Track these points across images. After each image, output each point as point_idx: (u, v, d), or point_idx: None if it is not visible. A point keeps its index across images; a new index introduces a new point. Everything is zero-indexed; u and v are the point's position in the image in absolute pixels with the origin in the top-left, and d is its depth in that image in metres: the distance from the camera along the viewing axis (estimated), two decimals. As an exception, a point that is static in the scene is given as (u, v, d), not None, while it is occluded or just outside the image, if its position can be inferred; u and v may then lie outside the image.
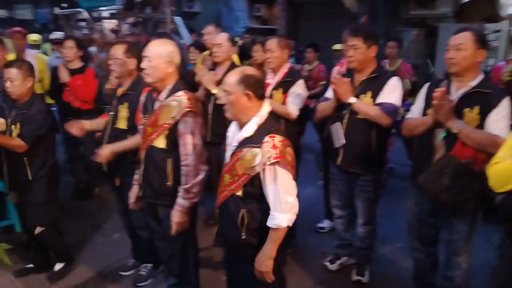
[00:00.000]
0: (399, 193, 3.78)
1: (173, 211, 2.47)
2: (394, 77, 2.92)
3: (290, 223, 2.00)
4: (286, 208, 1.98)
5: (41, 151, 3.10)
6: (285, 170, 1.97)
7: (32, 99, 3.10)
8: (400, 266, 3.50)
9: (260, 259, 2.04)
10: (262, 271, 2.04)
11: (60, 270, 3.30)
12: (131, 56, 2.89)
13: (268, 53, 3.36)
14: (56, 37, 6.44)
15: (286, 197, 1.98)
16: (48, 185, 3.16)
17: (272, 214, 1.99)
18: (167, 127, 2.44)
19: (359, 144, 2.93)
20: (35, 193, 3.11)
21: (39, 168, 3.09)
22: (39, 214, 3.16)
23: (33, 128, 3.01)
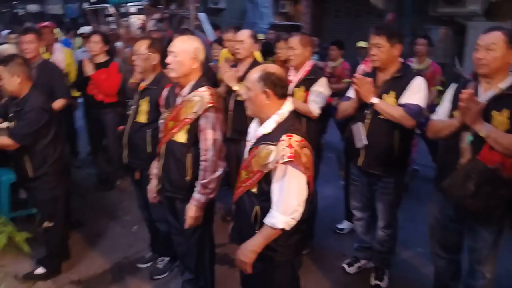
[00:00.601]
0: (422, 196, 3.72)
1: (188, 205, 2.47)
2: (419, 77, 2.84)
3: (286, 227, 1.93)
4: (286, 210, 1.92)
5: (40, 148, 2.99)
6: (297, 171, 1.93)
7: (27, 96, 2.98)
8: (421, 272, 3.41)
9: (243, 247, 2.01)
10: (242, 261, 2.01)
11: (38, 274, 3.16)
12: (154, 51, 2.92)
13: (290, 50, 3.33)
14: (83, 31, 6.57)
15: (290, 199, 1.93)
16: (53, 182, 3.09)
17: (271, 212, 1.95)
18: (189, 122, 2.45)
19: (381, 145, 2.87)
20: (38, 190, 3.09)
21: (39, 166, 3.01)
22: (46, 210, 3.15)
23: (22, 125, 2.91)
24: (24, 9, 19.52)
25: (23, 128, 2.90)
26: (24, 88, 2.98)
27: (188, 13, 5.95)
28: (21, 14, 18.76)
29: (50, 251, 3.24)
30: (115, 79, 4.42)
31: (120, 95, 4.58)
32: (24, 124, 2.91)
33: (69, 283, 3.18)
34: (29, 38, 3.73)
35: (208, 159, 2.42)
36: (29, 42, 3.73)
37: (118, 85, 4.45)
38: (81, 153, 5.80)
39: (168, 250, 3.22)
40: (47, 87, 3.77)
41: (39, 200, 3.15)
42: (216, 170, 2.45)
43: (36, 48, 3.82)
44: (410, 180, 5.07)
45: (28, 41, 3.72)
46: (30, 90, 3.00)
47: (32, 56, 3.78)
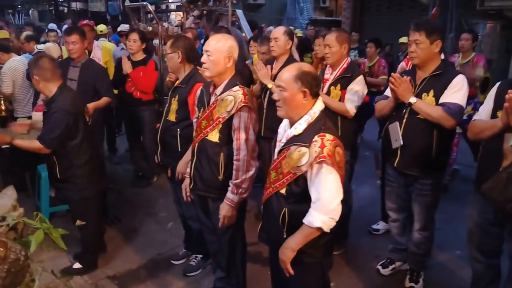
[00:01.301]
0: (462, 197, 3.59)
1: (221, 205, 2.49)
2: (460, 75, 2.73)
3: (324, 226, 1.91)
4: (324, 209, 1.90)
5: (67, 150, 3.00)
6: (332, 170, 1.89)
7: (54, 96, 2.96)
8: (458, 275, 3.31)
9: (283, 246, 2.01)
10: (282, 260, 2.01)
11: (75, 269, 3.26)
12: (176, 50, 2.91)
13: (327, 48, 3.27)
14: (122, 29, 6.73)
15: (328, 197, 1.90)
16: (81, 184, 3.08)
17: (310, 211, 1.93)
18: (222, 121, 2.45)
19: (419, 145, 2.78)
20: (68, 191, 3.13)
21: (66, 168, 3.03)
22: (76, 209, 3.22)
23: (48, 129, 2.92)
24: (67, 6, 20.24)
25: (49, 131, 2.91)
26: (48, 89, 2.97)
27: (226, 9, 5.96)
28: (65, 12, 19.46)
29: (86, 248, 3.34)
30: (152, 77, 4.51)
31: (157, 92, 4.68)
32: (49, 128, 2.91)
33: (105, 278, 3.26)
34: (73, 38, 3.83)
35: (240, 158, 2.43)
36: (74, 42, 3.83)
37: (154, 82, 4.54)
38: (119, 149, 5.95)
39: (201, 248, 3.26)
40: (90, 86, 3.91)
41: (69, 200, 3.22)
42: (249, 170, 2.46)
43: (80, 48, 3.91)
44: (450, 180, 4.93)
45: (73, 41, 3.83)
46: (58, 90, 2.97)
47: (77, 56, 3.90)
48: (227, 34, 2.76)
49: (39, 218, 1.43)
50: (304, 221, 1.94)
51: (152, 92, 4.59)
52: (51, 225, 1.45)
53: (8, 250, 1.22)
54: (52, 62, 3.01)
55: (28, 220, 1.49)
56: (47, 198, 3.96)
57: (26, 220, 1.50)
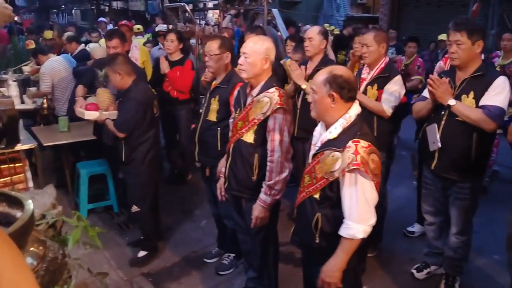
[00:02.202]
0: (502, 200, 3.48)
1: (254, 205, 2.52)
2: (502, 77, 2.65)
3: (365, 235, 1.90)
4: (362, 219, 1.88)
5: (134, 137, 3.27)
6: (366, 178, 1.87)
7: (129, 88, 3.28)
8: (496, 281, 3.21)
9: (328, 269, 1.96)
10: (329, 283, 1.96)
11: (142, 257, 3.47)
12: (225, 51, 2.95)
13: (364, 47, 3.23)
14: (160, 29, 6.87)
15: (364, 206, 1.88)
16: (141, 169, 3.34)
17: (346, 223, 1.90)
18: (257, 122, 2.47)
19: (457, 148, 2.71)
20: (129, 174, 3.40)
21: (131, 152, 3.29)
22: (134, 195, 3.44)
23: (122, 115, 3.25)
24: (108, 5, 20.79)
25: (123, 118, 3.24)
26: (126, 82, 3.27)
27: (262, 8, 5.98)
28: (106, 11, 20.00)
29: (145, 234, 3.56)
30: (188, 77, 4.58)
31: (193, 92, 4.75)
32: (123, 114, 3.25)
33: (140, 275, 3.34)
34: (114, 43, 3.92)
35: (274, 160, 2.44)
36: (115, 47, 3.91)
37: (191, 82, 4.61)
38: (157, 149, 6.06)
39: (234, 247, 3.29)
40: None
41: (129, 183, 3.46)
42: (283, 171, 2.47)
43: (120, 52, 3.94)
44: (489, 182, 4.77)
45: (114, 46, 3.92)
46: (133, 82, 3.29)
47: None
48: (264, 36, 2.78)
49: (76, 216, 1.50)
50: (343, 235, 1.91)
51: (189, 91, 4.67)
52: (88, 223, 1.52)
53: (46, 249, 1.28)
54: (127, 57, 3.46)
55: (66, 218, 1.56)
56: (85, 195, 4.11)
57: (64, 219, 1.56)
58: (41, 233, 1.44)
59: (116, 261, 3.49)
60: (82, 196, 4.10)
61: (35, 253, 1.25)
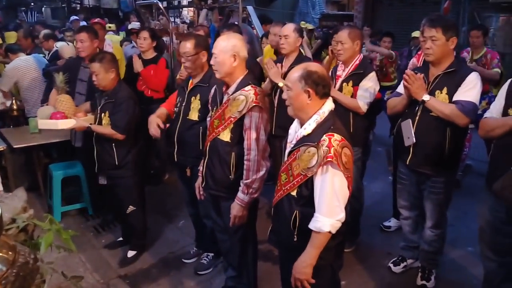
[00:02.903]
0: (475, 193, 3.55)
1: (232, 204, 2.50)
2: (473, 72, 2.70)
3: (333, 230, 1.89)
4: (330, 212, 1.88)
5: (128, 138, 3.24)
6: (338, 171, 1.87)
7: (117, 87, 3.24)
8: (470, 272, 3.29)
9: (298, 265, 1.96)
10: (300, 279, 1.96)
11: (131, 257, 3.45)
12: (201, 50, 2.90)
13: (339, 45, 3.24)
14: (132, 27, 6.75)
15: (332, 199, 1.88)
16: (134, 170, 3.34)
17: (315, 216, 1.90)
18: (233, 120, 2.46)
19: (431, 143, 2.76)
20: (123, 178, 3.33)
21: (124, 155, 3.26)
22: (131, 196, 3.40)
23: (121, 117, 3.18)
24: (80, 3, 20.32)
25: (122, 119, 3.18)
26: (115, 81, 3.23)
27: (237, 6, 5.94)
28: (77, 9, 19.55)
29: (137, 233, 3.52)
30: (163, 75, 4.51)
31: (168, 91, 4.68)
32: (122, 115, 3.18)
33: (116, 277, 3.29)
34: (81, 36, 3.78)
35: (251, 158, 2.43)
36: (82, 40, 3.78)
37: (166, 81, 4.54)
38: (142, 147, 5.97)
39: (213, 246, 3.27)
40: None
41: (122, 187, 3.36)
42: (260, 170, 2.45)
43: (89, 47, 3.83)
44: (463, 176, 4.88)
45: (80, 39, 3.79)
46: (118, 83, 3.25)
47: (85, 55, 3.85)
48: (233, 33, 2.74)
49: (49, 219, 1.45)
50: (311, 228, 1.91)
51: (163, 90, 4.60)
52: (62, 226, 1.47)
53: (17, 253, 1.23)
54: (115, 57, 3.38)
55: (38, 222, 1.51)
56: (59, 197, 4.01)
57: (36, 222, 1.51)
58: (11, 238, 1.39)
59: (92, 264, 3.42)
60: (55, 198, 4.01)
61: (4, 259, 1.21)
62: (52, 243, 1.41)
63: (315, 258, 1.94)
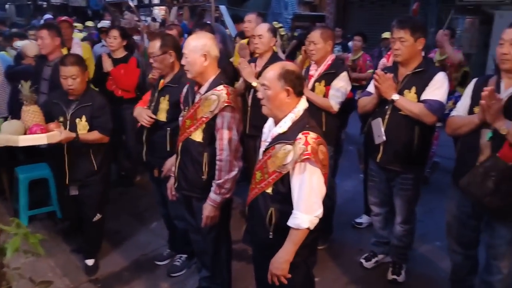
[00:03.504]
0: (442, 189, 3.65)
1: (204, 205, 2.49)
2: (441, 72, 2.79)
3: (311, 226, 1.93)
4: (309, 209, 1.91)
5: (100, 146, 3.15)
6: (315, 168, 1.90)
7: (90, 91, 3.15)
8: (438, 266, 3.38)
9: (276, 261, 1.98)
10: (277, 275, 1.98)
11: (94, 265, 3.34)
12: (168, 49, 2.87)
13: (311, 45, 3.28)
14: (102, 25, 6.61)
15: (311, 197, 1.91)
16: (107, 175, 3.28)
17: (294, 213, 1.93)
18: (205, 120, 2.44)
19: (400, 141, 2.83)
20: (97, 183, 3.20)
21: (102, 159, 3.17)
22: (100, 202, 3.29)
23: (107, 120, 3.12)
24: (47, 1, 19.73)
25: (109, 121, 3.14)
26: (85, 84, 3.11)
27: (209, 5, 5.91)
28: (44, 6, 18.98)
29: (97, 241, 3.41)
30: (133, 75, 4.44)
31: (139, 90, 4.61)
32: (108, 118, 3.14)
33: (87, 281, 3.22)
34: (42, 34, 3.67)
35: (223, 159, 2.42)
36: (42, 38, 3.67)
37: (136, 80, 4.47)
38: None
39: (186, 247, 3.25)
40: None
41: (95, 193, 3.22)
42: (232, 170, 2.45)
43: (49, 45, 3.71)
44: (430, 173, 5.02)
45: (41, 36, 3.68)
46: (87, 85, 3.15)
47: (46, 52, 3.73)
48: (203, 32, 2.72)
49: (15, 223, 1.40)
50: (290, 225, 1.93)
51: (134, 90, 4.53)
52: (29, 230, 1.42)
53: (-20, 260, 1.18)
54: None
55: (3, 226, 1.45)
56: (25, 201, 3.89)
57: (1, 227, 1.46)
58: (-27, 244, 1.34)
59: (62, 268, 3.34)
60: (21, 202, 3.88)
61: (-32, 266, 1.16)
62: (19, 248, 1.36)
63: (293, 254, 1.96)
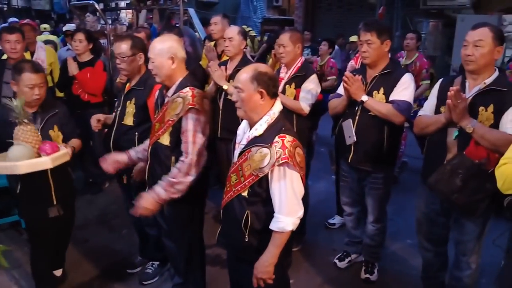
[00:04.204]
0: (411, 188, 3.74)
1: (144, 194, 2.36)
2: (407, 74, 2.85)
3: (294, 227, 1.94)
4: (291, 211, 1.92)
5: None
6: (294, 172, 1.91)
7: (47, 97, 2.85)
8: (410, 264, 3.45)
9: (260, 265, 1.97)
10: (263, 278, 1.97)
11: (62, 275, 3.19)
12: (138, 52, 2.82)
13: (281, 48, 3.29)
14: (67, 29, 6.44)
15: (292, 199, 1.92)
16: None
17: (277, 217, 1.92)
18: (171, 123, 2.38)
19: (371, 141, 2.88)
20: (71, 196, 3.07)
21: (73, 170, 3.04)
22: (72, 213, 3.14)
23: (74, 124, 2.97)
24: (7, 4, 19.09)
25: (75, 126, 2.99)
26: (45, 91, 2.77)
27: (178, 8, 5.85)
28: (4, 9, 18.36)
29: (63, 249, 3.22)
30: (100, 78, 4.35)
31: (106, 94, 4.51)
32: (74, 123, 2.99)
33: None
34: (15, 37, 3.57)
35: (186, 161, 2.34)
36: (16, 41, 3.57)
37: (103, 84, 4.37)
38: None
39: (158, 254, 3.18)
40: None
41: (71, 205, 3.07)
42: (189, 174, 2.35)
43: (22, 48, 3.66)
44: (399, 172, 5.12)
45: (15, 40, 3.58)
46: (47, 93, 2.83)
47: (17, 57, 3.64)
48: (168, 34, 2.65)
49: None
50: (274, 229, 1.93)
51: (101, 94, 4.43)
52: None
53: None
54: None
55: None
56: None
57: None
58: None
59: (26, 281, 3.19)
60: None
61: None
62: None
63: (277, 257, 1.96)
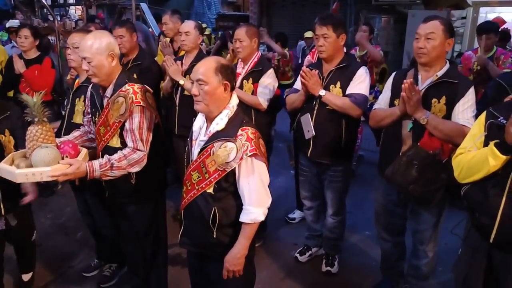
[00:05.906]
0: (369, 181, 3.83)
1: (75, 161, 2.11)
2: (362, 67, 2.90)
3: (264, 217, 1.95)
4: (261, 201, 1.92)
5: None
6: (260, 162, 1.91)
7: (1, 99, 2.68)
8: (369, 255, 3.52)
9: (232, 257, 1.96)
10: (234, 270, 1.97)
11: (29, 280, 3.08)
12: None
13: (237, 42, 3.26)
14: (11, 25, 6.08)
15: (261, 189, 1.92)
16: None
17: (247, 209, 1.91)
18: (118, 125, 2.27)
19: (329, 135, 2.91)
20: None
21: None
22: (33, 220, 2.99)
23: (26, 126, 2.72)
24: None
25: None
26: None
27: (129, 3, 5.70)
28: None
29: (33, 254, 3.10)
30: (48, 76, 4.17)
31: (55, 92, 4.32)
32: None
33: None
34: None
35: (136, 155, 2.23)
36: None
37: (52, 82, 4.20)
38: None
39: (115, 256, 3.09)
40: None
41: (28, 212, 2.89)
42: (133, 167, 2.23)
43: None
44: (357, 166, 5.22)
45: None
46: None
47: None
48: (100, 31, 2.48)
49: None
50: (244, 221, 1.92)
51: (50, 92, 4.23)
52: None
53: None
54: None
55: None
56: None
57: None
58: None
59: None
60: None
61: None
62: None
63: (247, 249, 1.97)
